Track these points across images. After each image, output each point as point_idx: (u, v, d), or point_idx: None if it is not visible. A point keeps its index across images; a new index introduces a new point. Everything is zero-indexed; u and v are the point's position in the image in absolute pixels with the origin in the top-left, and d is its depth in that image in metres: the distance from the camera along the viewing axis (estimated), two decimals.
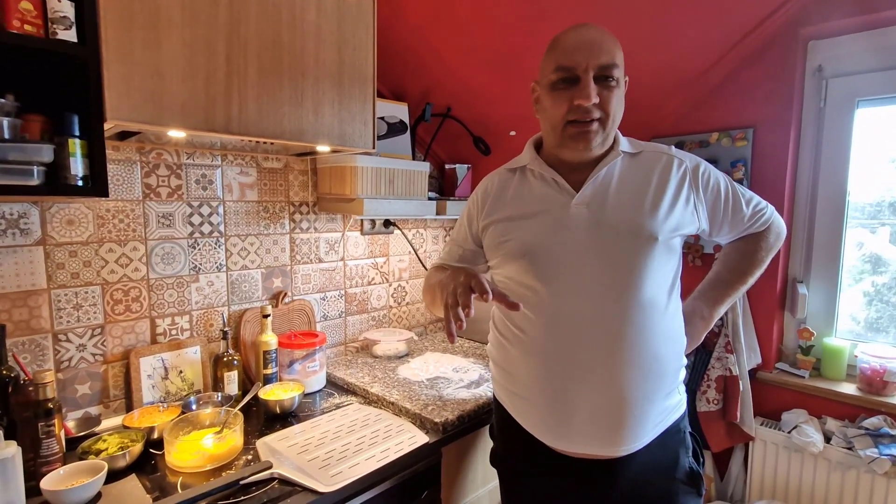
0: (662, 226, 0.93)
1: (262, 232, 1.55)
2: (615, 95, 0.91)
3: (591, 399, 0.91)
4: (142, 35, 0.95)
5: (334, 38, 1.24)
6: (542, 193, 1.00)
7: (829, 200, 1.65)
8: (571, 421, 0.93)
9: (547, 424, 0.96)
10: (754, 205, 1.08)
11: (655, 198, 0.95)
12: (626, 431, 0.91)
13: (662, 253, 0.93)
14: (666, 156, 1.00)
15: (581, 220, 0.94)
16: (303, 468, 1.05)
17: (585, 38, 0.90)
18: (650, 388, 0.92)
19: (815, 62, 1.62)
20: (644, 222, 0.92)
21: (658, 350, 0.92)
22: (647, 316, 0.91)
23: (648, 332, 0.91)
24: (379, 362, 1.69)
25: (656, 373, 0.92)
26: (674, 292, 0.97)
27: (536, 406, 0.97)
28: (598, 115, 0.91)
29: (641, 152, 1.01)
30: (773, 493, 1.66)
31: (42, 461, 0.98)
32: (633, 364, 0.90)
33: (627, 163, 0.99)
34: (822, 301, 1.69)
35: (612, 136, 0.97)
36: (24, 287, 1.14)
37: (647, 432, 0.94)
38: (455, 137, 1.99)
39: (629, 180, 0.97)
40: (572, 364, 0.92)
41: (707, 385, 1.70)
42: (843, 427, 1.54)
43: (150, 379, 1.31)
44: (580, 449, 0.94)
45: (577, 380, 0.92)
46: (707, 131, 1.77)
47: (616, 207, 0.94)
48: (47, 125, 0.93)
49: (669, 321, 0.96)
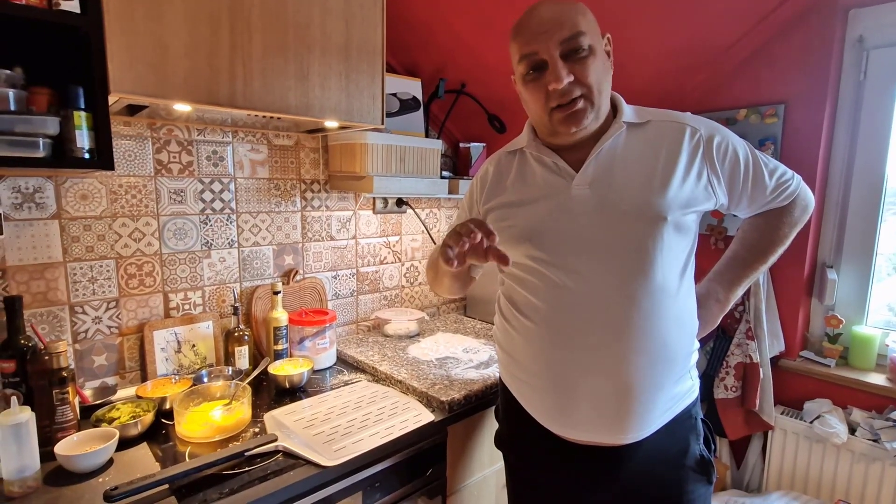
0: (672, 203, 0.86)
1: (273, 209, 1.55)
2: (592, 65, 0.85)
3: (596, 386, 0.88)
4: (144, 6, 0.94)
5: (341, 9, 1.21)
6: (542, 177, 0.95)
7: (866, 181, 1.55)
8: (575, 408, 0.90)
9: (550, 411, 0.94)
10: (779, 175, 0.99)
11: (664, 173, 0.88)
12: (632, 419, 0.88)
13: (672, 233, 0.87)
14: (677, 124, 0.92)
15: (584, 202, 0.89)
16: (308, 442, 1.06)
17: (540, 18, 0.85)
18: (658, 374, 0.87)
19: (856, 32, 1.50)
20: (651, 200, 0.86)
21: (667, 335, 0.87)
22: (655, 300, 0.86)
23: (657, 316, 0.86)
24: (389, 341, 1.69)
25: (665, 359, 0.88)
26: (686, 274, 0.91)
27: (540, 392, 0.94)
28: (581, 92, 0.85)
29: (649, 122, 0.93)
30: (792, 484, 1.61)
31: (57, 427, 1.01)
32: (640, 350, 0.86)
33: (632, 135, 0.92)
34: (852, 288, 1.61)
35: (604, 107, 0.90)
36: (41, 260, 1.17)
37: (655, 420, 0.90)
38: (470, 115, 1.94)
39: (634, 154, 0.90)
40: (576, 351, 0.88)
41: (725, 372, 1.65)
42: (869, 418, 1.48)
43: (163, 352, 1.34)
44: (584, 436, 0.92)
45: (581, 367, 0.88)
46: (734, 108, 1.68)
47: (621, 186, 0.88)
48: (53, 98, 0.93)
49: (681, 305, 0.90)
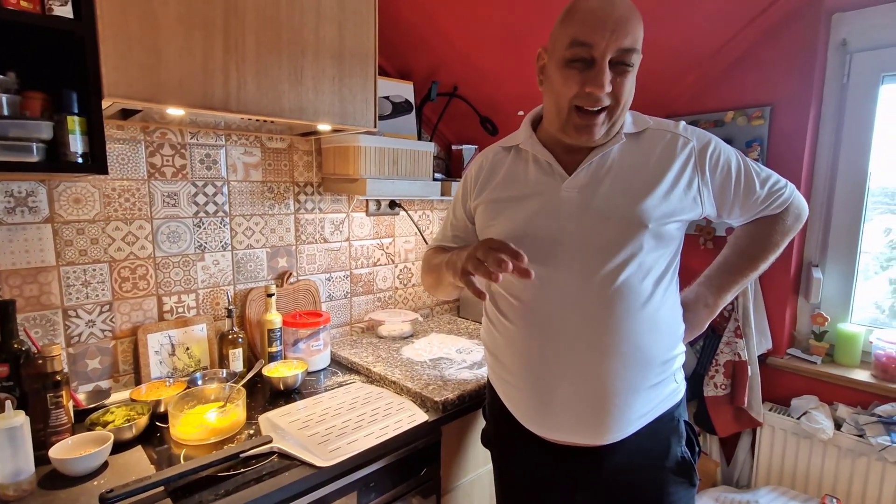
0: (654, 212, 0.87)
1: (266, 212, 1.56)
2: (629, 82, 0.84)
3: (573, 388, 0.89)
4: (137, 10, 0.95)
5: (334, 13, 1.22)
6: (534, 175, 0.96)
7: (850, 182, 1.59)
8: (553, 410, 0.91)
9: (530, 412, 0.95)
10: (771, 184, 1.00)
11: (651, 182, 0.88)
12: (608, 421, 0.89)
13: (651, 241, 0.87)
14: (670, 134, 0.93)
15: (570, 205, 0.90)
16: (302, 443, 1.07)
17: (609, 12, 0.80)
18: (633, 378, 0.88)
19: (840, 36, 1.54)
20: (634, 208, 0.87)
21: (640, 340, 0.88)
22: (629, 305, 0.87)
23: (631, 322, 0.87)
24: (383, 343, 1.70)
25: (639, 362, 0.88)
26: (664, 281, 0.91)
27: (521, 393, 0.96)
28: (608, 103, 0.84)
29: (645, 130, 0.94)
30: (780, 479, 1.64)
31: (51, 431, 1.01)
32: (615, 354, 0.87)
33: (628, 144, 0.92)
34: (837, 286, 1.64)
35: (619, 123, 0.89)
36: (34, 263, 1.17)
37: (633, 422, 0.91)
38: (462, 117, 1.96)
39: (627, 163, 0.91)
40: (554, 353, 0.90)
41: (715, 370, 1.68)
42: (854, 414, 1.51)
43: (157, 355, 1.34)
44: (564, 437, 0.93)
45: (558, 368, 0.90)
46: (722, 110, 1.71)
47: (608, 192, 0.89)
48: (47, 102, 0.94)
49: (657, 311, 0.90)
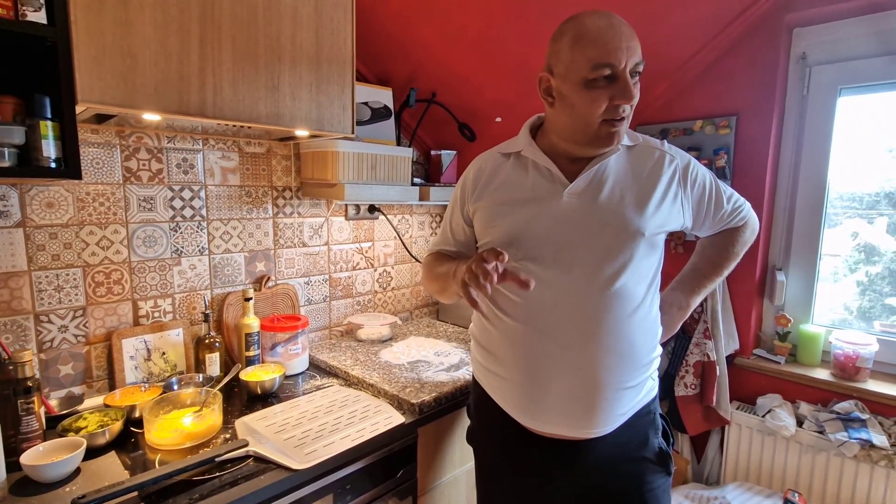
0: (649, 222, 0.95)
1: (244, 216, 1.56)
2: (638, 91, 0.91)
3: (566, 382, 0.94)
4: (112, 16, 0.95)
5: (311, 20, 1.23)
6: (533, 181, 1.00)
7: (810, 189, 1.66)
8: (545, 401, 0.96)
9: (521, 403, 0.99)
10: (734, 201, 1.12)
11: (645, 194, 0.96)
12: (597, 415, 0.94)
13: (645, 248, 0.95)
14: (658, 151, 1.01)
15: (570, 211, 0.95)
16: (279, 447, 1.08)
17: (619, 31, 0.86)
18: (624, 374, 0.95)
19: (800, 49, 1.61)
20: (633, 217, 0.94)
21: (634, 339, 0.95)
22: (626, 306, 0.93)
23: (626, 321, 0.94)
24: (362, 346, 1.71)
25: (631, 360, 0.95)
26: (652, 285, 1.00)
27: (514, 385, 1.00)
28: (627, 112, 0.91)
29: (636, 145, 1.02)
30: (748, 475, 1.70)
31: (22, 437, 1.00)
32: (610, 351, 0.93)
33: (623, 155, 1.00)
34: (800, 288, 1.71)
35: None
36: (5, 269, 1.16)
37: (619, 418, 0.97)
38: (441, 123, 1.98)
39: (623, 174, 0.98)
40: (550, 347, 0.94)
41: (685, 370, 1.73)
42: (815, 411, 1.57)
43: (132, 360, 1.33)
44: (551, 429, 0.98)
45: (553, 362, 0.94)
46: (691, 118, 1.77)
47: (607, 201, 0.95)
48: (20, 107, 0.93)
49: (647, 312, 0.98)
